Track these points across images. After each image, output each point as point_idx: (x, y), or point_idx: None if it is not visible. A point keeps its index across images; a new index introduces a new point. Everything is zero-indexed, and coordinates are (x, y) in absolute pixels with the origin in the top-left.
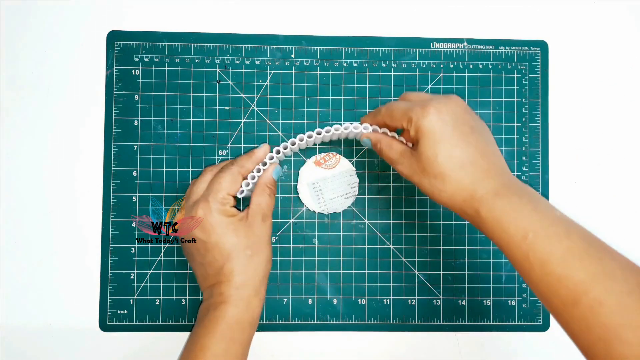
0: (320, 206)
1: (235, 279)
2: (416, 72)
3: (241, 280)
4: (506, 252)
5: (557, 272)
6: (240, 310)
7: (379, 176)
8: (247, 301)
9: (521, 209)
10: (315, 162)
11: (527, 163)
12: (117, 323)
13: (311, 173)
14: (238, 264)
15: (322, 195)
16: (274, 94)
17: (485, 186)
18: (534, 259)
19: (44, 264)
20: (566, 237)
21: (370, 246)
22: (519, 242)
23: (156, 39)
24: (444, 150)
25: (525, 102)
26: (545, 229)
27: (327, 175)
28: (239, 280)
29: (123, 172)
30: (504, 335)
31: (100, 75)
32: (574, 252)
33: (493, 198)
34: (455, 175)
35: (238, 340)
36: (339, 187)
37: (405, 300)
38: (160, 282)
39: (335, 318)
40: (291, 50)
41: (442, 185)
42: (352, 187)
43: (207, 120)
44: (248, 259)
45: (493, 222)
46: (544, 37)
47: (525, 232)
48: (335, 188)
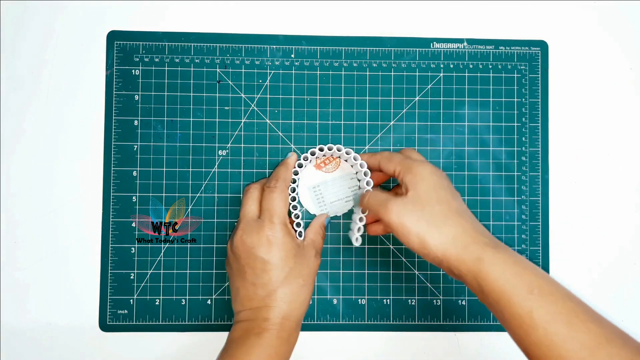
0: (320, 209)
1: (283, 306)
2: (416, 72)
3: (288, 310)
4: (505, 307)
5: (563, 332)
6: (282, 342)
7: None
8: (289, 333)
9: (524, 264)
10: (315, 166)
11: (527, 163)
12: (117, 323)
13: (311, 177)
14: (290, 292)
15: (322, 199)
16: (274, 94)
17: (484, 238)
18: (539, 316)
19: (44, 264)
20: (569, 298)
21: (370, 246)
22: (524, 296)
23: (156, 39)
24: (443, 196)
25: (525, 102)
26: (549, 286)
27: (327, 178)
28: (286, 309)
29: (123, 172)
30: (504, 335)
31: (100, 75)
32: (578, 314)
33: (495, 248)
34: (456, 219)
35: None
36: (339, 191)
37: (405, 300)
38: (160, 282)
39: (335, 318)
40: (291, 50)
41: (439, 230)
42: (353, 191)
43: (207, 120)
44: (299, 288)
45: (497, 272)
46: (544, 37)
47: (530, 287)
48: (336, 191)
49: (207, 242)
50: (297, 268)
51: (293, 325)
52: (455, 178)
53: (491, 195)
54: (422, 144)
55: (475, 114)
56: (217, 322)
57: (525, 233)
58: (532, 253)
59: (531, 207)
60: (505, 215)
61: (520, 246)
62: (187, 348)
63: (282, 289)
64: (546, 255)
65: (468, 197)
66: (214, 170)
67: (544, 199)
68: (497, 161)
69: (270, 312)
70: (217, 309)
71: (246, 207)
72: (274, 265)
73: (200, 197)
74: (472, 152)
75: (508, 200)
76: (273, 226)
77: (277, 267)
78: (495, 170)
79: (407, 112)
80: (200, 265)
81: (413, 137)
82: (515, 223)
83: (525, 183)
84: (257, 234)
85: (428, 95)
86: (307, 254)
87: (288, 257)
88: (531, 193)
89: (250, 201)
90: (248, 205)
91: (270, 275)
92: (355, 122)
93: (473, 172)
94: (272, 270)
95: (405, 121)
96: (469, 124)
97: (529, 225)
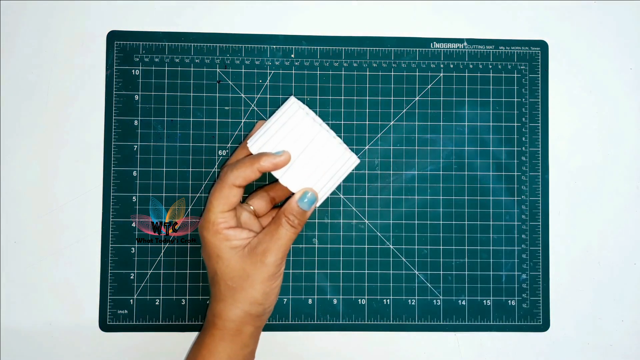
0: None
1: (213, 304)
2: (416, 72)
3: (218, 309)
4: None
5: None
6: (217, 341)
7: (379, 176)
8: (228, 332)
9: None
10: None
11: (527, 163)
12: (117, 323)
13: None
14: (217, 290)
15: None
16: (274, 94)
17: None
18: None
19: (44, 264)
20: None
21: (370, 246)
22: None
23: (156, 39)
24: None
25: (525, 102)
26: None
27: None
28: (215, 307)
29: (123, 172)
30: (504, 335)
31: (100, 75)
32: None
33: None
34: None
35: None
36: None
37: (405, 300)
38: (160, 282)
39: (335, 318)
40: (291, 50)
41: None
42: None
43: (207, 120)
44: (228, 289)
45: None
46: (544, 37)
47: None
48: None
49: None
50: (223, 270)
51: (227, 325)
52: (455, 178)
53: (491, 195)
54: (422, 144)
55: (475, 114)
56: None
57: (525, 233)
58: (532, 253)
59: (531, 207)
60: (505, 215)
61: (520, 246)
62: (187, 348)
63: (211, 287)
64: (546, 255)
65: (468, 197)
66: (214, 170)
67: (544, 199)
68: (497, 161)
69: (208, 309)
70: None
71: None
72: (206, 265)
73: (200, 197)
74: (472, 152)
75: (508, 200)
76: (202, 222)
77: (208, 268)
78: (495, 170)
79: (407, 112)
80: (200, 265)
81: (413, 137)
82: (515, 223)
83: (525, 183)
84: (199, 224)
85: (428, 95)
86: (246, 256)
87: (211, 257)
88: (531, 193)
89: (216, 183)
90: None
91: (207, 272)
92: (355, 122)
93: (473, 172)
94: (207, 269)
95: (405, 121)
96: (469, 124)
97: (529, 225)
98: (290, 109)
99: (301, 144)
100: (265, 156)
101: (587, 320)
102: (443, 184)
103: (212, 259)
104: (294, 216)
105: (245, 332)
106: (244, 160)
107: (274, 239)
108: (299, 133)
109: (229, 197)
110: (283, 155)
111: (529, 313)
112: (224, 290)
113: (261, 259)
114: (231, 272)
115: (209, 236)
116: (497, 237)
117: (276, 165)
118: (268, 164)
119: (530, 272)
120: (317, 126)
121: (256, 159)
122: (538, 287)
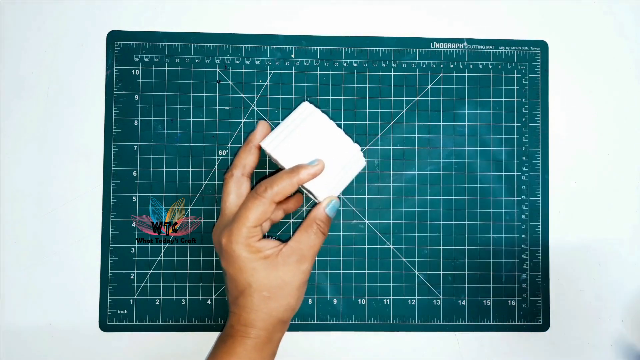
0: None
1: (244, 314)
2: (416, 72)
3: (250, 319)
4: None
5: None
6: (246, 349)
7: (379, 176)
8: (256, 341)
9: None
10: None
11: (527, 163)
12: (117, 323)
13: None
14: (250, 302)
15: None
16: (274, 94)
17: None
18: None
19: (44, 264)
20: None
21: (370, 246)
22: None
23: (156, 39)
24: None
25: (525, 102)
26: None
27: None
28: (247, 318)
29: (123, 172)
30: (504, 335)
31: (100, 75)
32: None
33: None
34: None
35: None
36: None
37: (405, 300)
38: (160, 282)
39: (335, 318)
40: (291, 50)
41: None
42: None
43: (207, 120)
44: (263, 300)
45: None
46: (544, 37)
47: None
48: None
49: (207, 242)
50: (258, 281)
51: (261, 334)
52: (455, 178)
53: (491, 195)
54: (422, 144)
55: (475, 114)
56: (217, 322)
57: (525, 233)
58: (532, 253)
59: (531, 207)
60: (505, 215)
61: (520, 246)
62: (187, 348)
63: (242, 298)
64: (546, 255)
65: (468, 197)
66: (214, 170)
67: (544, 199)
68: (497, 161)
69: (233, 318)
70: (217, 309)
71: (222, 200)
72: (230, 276)
73: (200, 197)
74: (472, 152)
75: (508, 200)
76: (229, 236)
77: (234, 279)
78: (495, 170)
79: (407, 112)
80: (200, 265)
81: (413, 137)
82: (515, 223)
83: (525, 183)
84: (217, 238)
85: (428, 95)
86: (279, 264)
87: (243, 271)
88: (531, 193)
89: (224, 195)
90: (223, 201)
91: (228, 284)
92: (355, 122)
93: (473, 172)
94: (229, 280)
95: (405, 121)
96: (469, 124)
97: (529, 225)
98: (306, 111)
99: (321, 146)
100: (303, 168)
101: (587, 320)
102: (443, 184)
103: (246, 272)
104: (324, 223)
105: (274, 339)
106: (281, 175)
107: (309, 246)
108: (318, 135)
109: (266, 213)
110: (318, 165)
111: (529, 313)
112: (258, 301)
113: (298, 266)
114: (268, 283)
115: (240, 250)
116: (497, 237)
117: (313, 175)
118: (306, 176)
119: (530, 272)
120: (335, 127)
121: (294, 172)
122: (538, 287)
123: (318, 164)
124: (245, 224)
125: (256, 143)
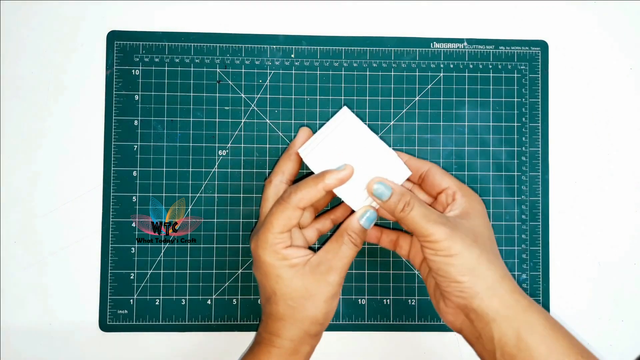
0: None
1: (270, 322)
2: (416, 72)
3: (275, 327)
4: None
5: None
6: (273, 357)
7: None
8: (282, 350)
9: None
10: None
11: (527, 163)
12: (117, 323)
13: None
14: (275, 310)
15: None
16: (274, 94)
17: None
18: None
19: (44, 264)
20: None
21: (370, 246)
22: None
23: (156, 39)
24: (493, 235)
25: (525, 102)
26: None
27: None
28: (273, 326)
29: (123, 172)
30: None
31: (100, 75)
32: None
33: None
34: (501, 262)
35: None
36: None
37: (405, 300)
38: (160, 282)
39: (335, 318)
40: (291, 50)
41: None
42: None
43: (207, 120)
44: (288, 309)
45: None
46: (544, 37)
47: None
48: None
49: (207, 242)
50: (282, 290)
51: (285, 344)
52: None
53: (491, 195)
54: (422, 144)
55: (475, 114)
56: (217, 322)
57: (525, 233)
58: (532, 253)
59: (531, 207)
60: (505, 215)
61: (520, 246)
62: (187, 348)
63: (268, 305)
64: (546, 255)
65: None
66: (214, 170)
67: (544, 199)
68: (497, 161)
69: (261, 324)
70: (217, 309)
71: (260, 206)
72: (258, 281)
73: (200, 197)
74: (472, 152)
75: (508, 200)
76: (257, 241)
77: (261, 285)
78: (495, 170)
79: (407, 112)
80: (200, 265)
81: (413, 137)
82: (515, 223)
83: (525, 183)
84: (254, 243)
85: (428, 95)
86: (307, 273)
87: (269, 277)
88: (531, 193)
89: (263, 201)
90: (261, 204)
91: (259, 289)
92: None
93: (473, 172)
94: (259, 286)
95: (405, 121)
96: (469, 124)
97: (529, 225)
98: (346, 120)
99: (355, 153)
100: (329, 173)
101: (587, 320)
102: None
103: (272, 279)
104: (356, 234)
105: (302, 352)
106: (307, 180)
107: (338, 257)
108: (352, 142)
109: (291, 219)
110: (346, 169)
111: None
112: (284, 309)
113: (325, 277)
114: (293, 292)
115: (265, 256)
116: (497, 237)
117: (341, 181)
118: (333, 181)
119: (530, 272)
120: (371, 134)
121: (319, 177)
122: (538, 287)
123: (345, 169)
124: (270, 230)
125: (295, 149)
